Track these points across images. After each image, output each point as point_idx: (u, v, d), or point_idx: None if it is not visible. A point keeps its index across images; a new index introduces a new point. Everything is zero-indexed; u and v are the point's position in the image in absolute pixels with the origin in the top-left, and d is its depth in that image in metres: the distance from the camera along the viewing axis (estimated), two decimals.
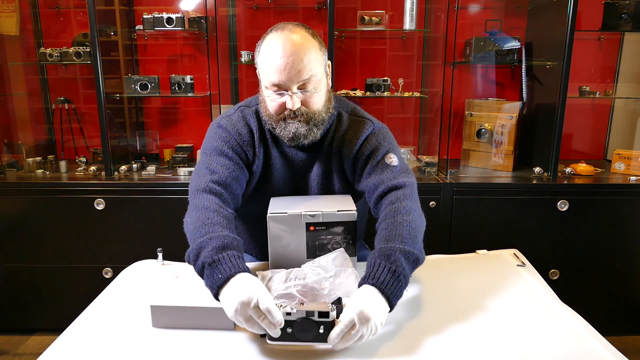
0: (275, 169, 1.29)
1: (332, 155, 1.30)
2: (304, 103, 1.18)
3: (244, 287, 0.91)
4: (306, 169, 1.31)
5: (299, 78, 1.14)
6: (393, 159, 1.25)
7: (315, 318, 0.87)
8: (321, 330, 0.88)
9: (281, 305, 0.89)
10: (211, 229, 1.05)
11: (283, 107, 1.19)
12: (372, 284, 0.96)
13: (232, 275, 0.94)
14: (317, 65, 1.17)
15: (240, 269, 0.96)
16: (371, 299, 0.94)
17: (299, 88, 1.16)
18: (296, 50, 1.13)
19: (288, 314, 0.87)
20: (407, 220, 1.10)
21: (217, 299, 0.96)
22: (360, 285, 0.98)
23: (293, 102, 1.16)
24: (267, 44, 1.17)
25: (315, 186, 1.31)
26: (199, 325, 0.99)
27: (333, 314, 0.88)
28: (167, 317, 0.99)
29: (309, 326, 0.88)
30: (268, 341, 0.89)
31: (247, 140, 1.27)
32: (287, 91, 1.16)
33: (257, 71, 1.23)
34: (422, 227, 1.14)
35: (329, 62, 1.26)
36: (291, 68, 1.13)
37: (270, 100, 1.20)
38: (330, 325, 0.88)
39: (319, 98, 1.20)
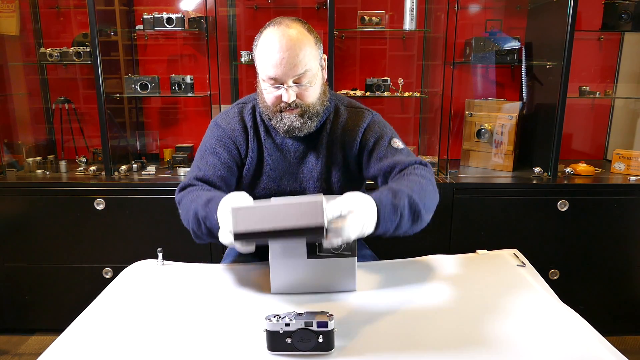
0: (270, 160, 1.33)
1: (333, 146, 1.33)
2: (299, 96, 1.23)
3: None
4: (303, 159, 1.34)
5: (294, 72, 1.19)
6: (399, 143, 1.32)
7: (314, 328, 0.89)
8: (320, 340, 0.89)
9: (279, 317, 0.90)
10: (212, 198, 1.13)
11: (279, 99, 1.23)
12: (372, 197, 1.04)
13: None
14: (312, 59, 1.21)
15: (221, 195, 1.08)
16: (365, 200, 1.01)
17: (294, 82, 1.21)
18: (292, 45, 1.17)
19: (287, 324, 0.89)
20: (420, 181, 1.16)
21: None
22: None
23: (289, 95, 1.21)
24: (264, 38, 1.21)
25: (314, 176, 1.33)
26: (286, 225, 0.91)
27: (332, 323, 0.89)
28: (250, 219, 0.91)
29: (308, 336, 0.89)
30: (269, 351, 0.91)
31: (241, 135, 1.33)
32: (283, 84, 1.20)
33: (255, 64, 1.27)
34: (434, 196, 1.18)
35: (325, 56, 1.30)
36: (287, 63, 1.17)
37: (267, 93, 1.25)
38: (330, 334, 0.89)
39: (314, 91, 1.25)
